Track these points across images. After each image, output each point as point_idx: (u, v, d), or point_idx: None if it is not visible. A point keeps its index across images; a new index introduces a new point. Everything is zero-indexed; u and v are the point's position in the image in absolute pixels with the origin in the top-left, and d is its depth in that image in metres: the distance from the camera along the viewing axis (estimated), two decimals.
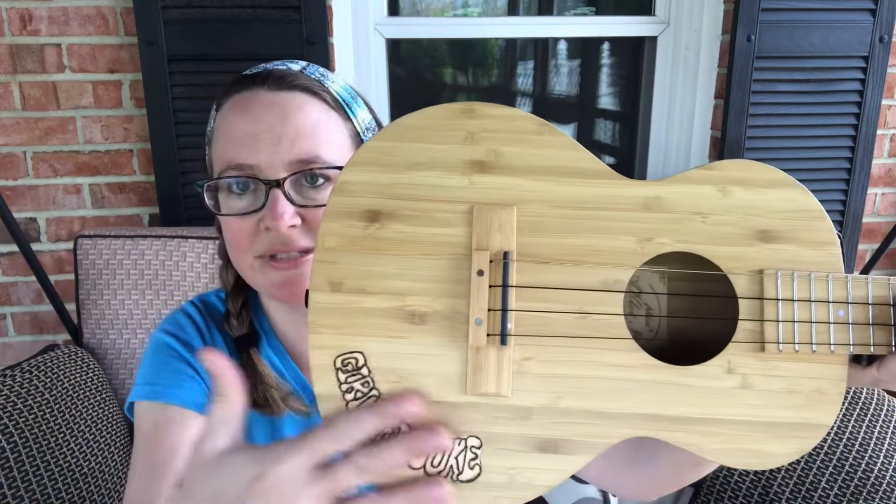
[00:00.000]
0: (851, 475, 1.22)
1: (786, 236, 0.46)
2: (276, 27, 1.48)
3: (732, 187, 0.46)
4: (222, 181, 0.63)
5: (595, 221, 0.46)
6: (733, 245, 0.46)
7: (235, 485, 0.40)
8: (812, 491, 1.22)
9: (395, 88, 1.80)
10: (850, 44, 1.63)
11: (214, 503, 0.40)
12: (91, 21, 1.50)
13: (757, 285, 0.46)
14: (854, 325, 0.46)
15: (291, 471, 0.40)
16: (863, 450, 1.24)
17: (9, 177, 1.58)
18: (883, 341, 0.46)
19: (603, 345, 0.46)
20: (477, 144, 0.46)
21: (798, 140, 1.69)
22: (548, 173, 0.46)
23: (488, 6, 1.88)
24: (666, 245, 0.46)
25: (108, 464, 1.23)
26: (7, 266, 1.64)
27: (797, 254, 0.46)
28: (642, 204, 0.46)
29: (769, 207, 0.46)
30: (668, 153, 1.85)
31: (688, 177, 0.46)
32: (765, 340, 0.46)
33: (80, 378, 1.26)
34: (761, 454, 0.46)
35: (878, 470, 1.22)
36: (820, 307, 0.45)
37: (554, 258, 0.46)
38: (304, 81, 0.65)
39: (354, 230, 0.46)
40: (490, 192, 0.46)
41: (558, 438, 0.46)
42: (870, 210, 1.84)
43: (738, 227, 0.46)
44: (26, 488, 1.08)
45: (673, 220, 0.46)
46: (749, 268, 0.46)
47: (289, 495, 0.39)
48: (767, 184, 0.46)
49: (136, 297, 1.35)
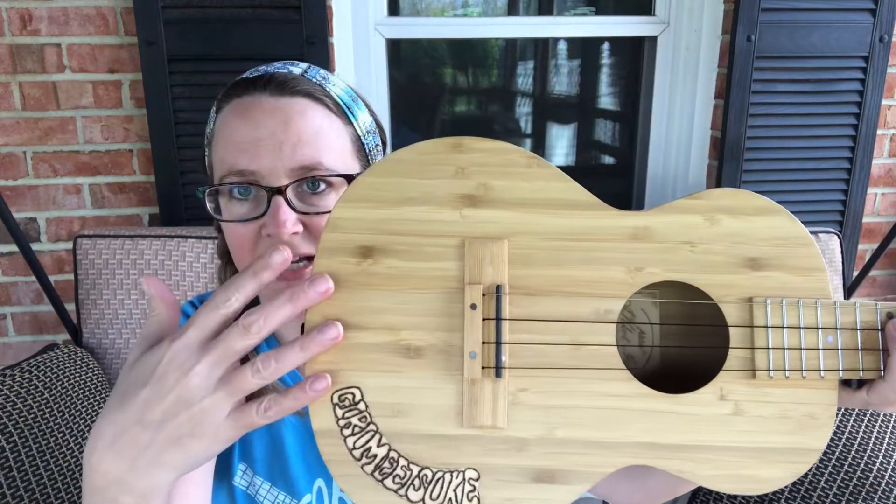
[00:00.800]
0: (851, 474, 1.22)
1: (774, 263, 0.47)
2: (276, 27, 1.48)
3: (720, 216, 0.47)
4: (223, 187, 0.63)
5: (585, 252, 0.47)
6: (722, 273, 0.47)
7: (142, 375, 0.43)
8: (811, 490, 1.22)
9: (395, 88, 1.80)
10: (850, 44, 1.63)
11: (122, 400, 0.43)
12: (91, 21, 1.50)
13: (747, 313, 0.47)
14: (843, 351, 0.46)
15: (184, 343, 0.42)
16: (862, 449, 1.24)
17: (9, 177, 1.58)
18: (872, 366, 0.46)
19: (597, 375, 0.46)
20: (467, 179, 0.47)
21: (798, 140, 1.69)
22: (538, 206, 0.47)
23: (488, 6, 1.88)
24: (656, 274, 0.47)
25: None
26: (7, 266, 1.64)
27: (786, 280, 0.47)
28: (631, 234, 0.47)
29: (757, 235, 0.47)
30: (668, 153, 1.85)
31: (675, 206, 0.47)
32: (756, 368, 0.46)
33: (80, 378, 1.26)
34: (755, 479, 0.46)
35: (877, 469, 1.22)
36: (809, 333, 0.46)
37: (546, 290, 0.47)
38: (305, 86, 0.64)
39: (348, 266, 0.46)
40: (481, 225, 0.47)
41: (555, 469, 0.46)
42: (870, 210, 1.84)
43: (727, 255, 0.47)
44: (26, 488, 1.08)
45: (662, 250, 0.47)
46: (738, 295, 0.47)
47: (186, 365, 0.42)
48: (754, 211, 0.47)
49: (136, 297, 1.35)
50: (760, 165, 1.70)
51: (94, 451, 0.44)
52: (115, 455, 0.43)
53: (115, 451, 0.43)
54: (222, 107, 0.66)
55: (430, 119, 1.97)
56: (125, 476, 0.43)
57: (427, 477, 0.46)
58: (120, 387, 0.44)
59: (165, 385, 0.42)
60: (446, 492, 0.46)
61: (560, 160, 2.02)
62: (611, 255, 0.47)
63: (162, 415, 0.42)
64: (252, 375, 0.42)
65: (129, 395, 0.43)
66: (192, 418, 0.42)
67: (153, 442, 0.43)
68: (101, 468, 0.43)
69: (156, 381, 0.42)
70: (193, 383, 0.42)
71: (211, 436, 0.43)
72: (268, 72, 0.66)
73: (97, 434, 0.44)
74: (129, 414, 0.43)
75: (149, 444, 0.43)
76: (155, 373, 0.42)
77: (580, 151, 2.01)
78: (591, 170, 2.06)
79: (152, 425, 0.42)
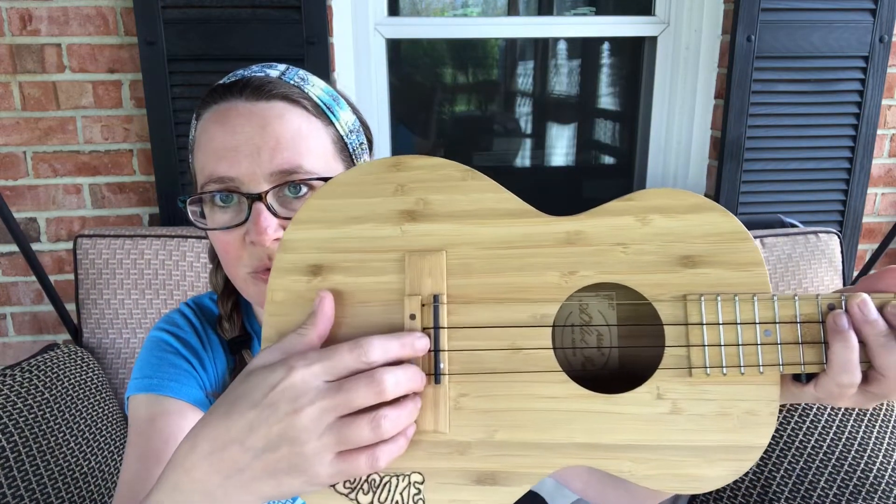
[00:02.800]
0: (850, 474, 1.22)
1: (709, 260, 0.47)
2: (276, 27, 1.48)
3: (652, 216, 0.47)
4: (205, 195, 0.63)
5: (520, 259, 0.48)
6: (655, 273, 0.47)
7: (254, 392, 0.42)
8: (811, 490, 1.22)
9: (395, 88, 1.80)
10: (850, 44, 1.63)
11: (230, 412, 0.42)
12: (91, 21, 1.50)
13: (681, 311, 0.47)
14: (783, 345, 0.46)
15: (306, 376, 0.41)
16: (862, 449, 1.24)
17: (9, 177, 1.58)
18: (814, 360, 0.45)
19: (534, 378, 0.47)
20: (406, 195, 0.49)
21: (798, 140, 1.69)
22: (474, 217, 0.48)
23: (488, 6, 1.88)
24: (589, 277, 0.48)
25: (108, 463, 1.23)
26: (7, 266, 1.64)
27: (722, 276, 0.47)
28: (564, 239, 0.48)
29: (690, 233, 0.47)
30: (668, 153, 1.85)
31: (607, 209, 0.48)
32: (692, 366, 0.46)
33: (80, 377, 1.26)
34: (695, 478, 0.46)
35: (877, 469, 1.22)
36: (746, 329, 0.46)
37: (484, 297, 0.48)
38: (282, 89, 0.64)
39: (299, 284, 0.49)
40: (421, 238, 0.49)
41: (496, 471, 0.47)
42: (870, 210, 1.84)
43: (660, 254, 0.47)
44: (26, 487, 1.08)
45: (595, 253, 0.48)
46: (673, 294, 0.47)
47: (300, 402, 0.41)
48: (687, 209, 0.47)
49: (136, 297, 1.35)
50: (760, 165, 1.70)
51: (191, 451, 0.43)
52: (211, 467, 0.43)
53: (211, 462, 0.42)
54: (201, 114, 0.66)
55: (430, 119, 1.97)
56: (214, 491, 0.43)
57: (375, 481, 0.47)
58: (231, 393, 0.43)
59: (274, 415, 0.41)
60: (393, 495, 0.47)
61: (560, 160, 2.02)
62: (545, 260, 0.48)
63: (265, 444, 0.41)
64: (370, 430, 0.42)
65: (237, 409, 0.42)
66: (294, 457, 0.41)
67: (249, 467, 0.42)
68: (193, 474, 0.43)
69: (266, 407, 0.41)
70: (302, 423, 0.41)
71: (308, 478, 0.42)
72: (244, 76, 0.65)
73: (199, 436, 0.43)
74: (232, 431, 0.42)
75: (245, 468, 0.42)
76: (267, 397, 0.41)
77: (580, 151, 2.01)
78: (591, 170, 2.06)
79: (252, 450, 0.41)
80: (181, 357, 0.71)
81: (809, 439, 1.25)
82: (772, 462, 1.25)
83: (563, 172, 2.04)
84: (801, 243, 1.51)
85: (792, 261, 1.49)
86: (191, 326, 0.74)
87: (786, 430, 1.27)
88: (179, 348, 0.71)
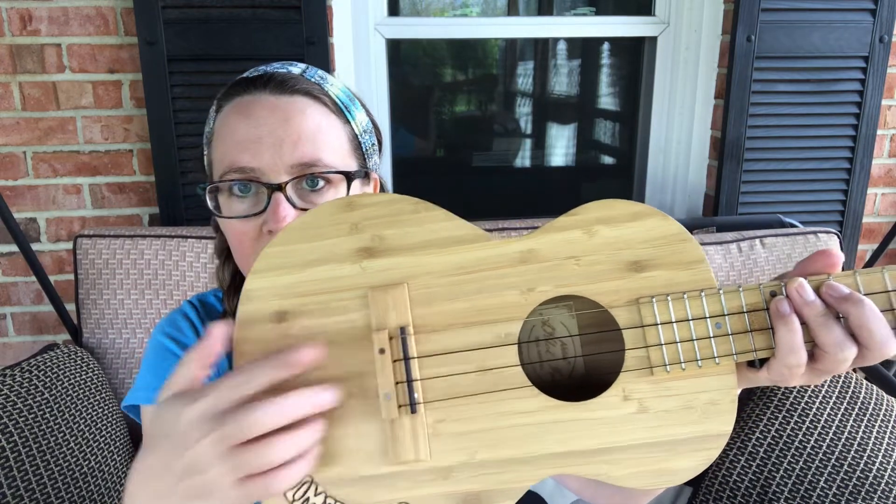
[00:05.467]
0: (850, 474, 1.22)
1: (655, 263, 0.49)
2: (276, 27, 1.48)
3: (597, 227, 0.49)
4: (224, 184, 0.64)
5: (479, 283, 0.50)
6: (608, 280, 0.49)
7: (166, 423, 0.45)
8: (811, 490, 1.22)
9: (395, 88, 1.80)
10: (850, 44, 1.63)
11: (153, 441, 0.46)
12: (91, 21, 1.50)
13: (636, 314, 0.49)
14: (734, 335, 0.48)
15: (196, 413, 0.44)
16: (861, 448, 1.24)
17: (9, 177, 1.58)
18: (764, 345, 0.48)
19: (506, 396, 0.49)
20: (361, 233, 0.50)
21: (798, 140, 1.69)
22: (430, 247, 0.50)
23: (488, 6, 1.88)
24: (548, 292, 0.49)
25: (108, 463, 1.23)
26: (7, 266, 1.64)
27: (670, 277, 0.49)
28: (519, 258, 0.50)
29: (635, 239, 0.49)
30: (668, 153, 1.85)
31: (555, 225, 0.50)
32: (652, 365, 0.48)
33: (80, 378, 1.26)
34: (668, 472, 0.48)
35: (876, 468, 1.22)
36: (698, 324, 0.48)
37: (449, 324, 0.49)
38: (305, 85, 0.65)
39: (266, 332, 0.49)
40: (381, 274, 0.50)
41: (479, 490, 0.48)
42: (870, 210, 1.84)
43: (610, 262, 0.49)
44: (26, 487, 1.08)
45: (549, 268, 0.49)
46: (627, 298, 0.49)
47: (193, 436, 0.43)
48: (629, 217, 0.49)
49: (136, 297, 1.35)
50: (760, 165, 1.70)
51: (131, 480, 0.47)
52: (147, 495, 0.46)
53: (146, 490, 0.46)
54: (223, 106, 0.66)
55: (430, 119, 1.97)
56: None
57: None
58: (155, 422, 0.46)
59: (182, 444, 0.44)
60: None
61: (560, 160, 2.02)
62: (503, 280, 0.49)
63: (181, 471, 0.44)
64: (260, 458, 0.44)
65: (157, 439, 0.46)
66: (202, 485, 0.44)
67: (174, 492, 0.45)
68: (136, 501, 0.47)
69: (176, 437, 0.44)
70: (199, 455, 0.43)
71: (220, 501, 0.44)
72: (267, 71, 0.67)
73: (141, 464, 0.47)
74: (157, 457, 0.45)
75: (171, 493, 0.45)
76: (175, 428, 0.44)
77: (580, 152, 2.01)
78: (591, 170, 2.06)
79: (175, 475, 0.44)
80: None
81: (809, 439, 1.25)
82: (771, 462, 1.25)
83: (563, 172, 2.04)
84: (800, 243, 1.51)
85: (791, 261, 1.49)
86: (192, 328, 0.75)
87: (785, 430, 1.27)
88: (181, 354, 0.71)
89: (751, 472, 1.26)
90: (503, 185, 2.01)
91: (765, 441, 1.27)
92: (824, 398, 1.29)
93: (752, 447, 1.27)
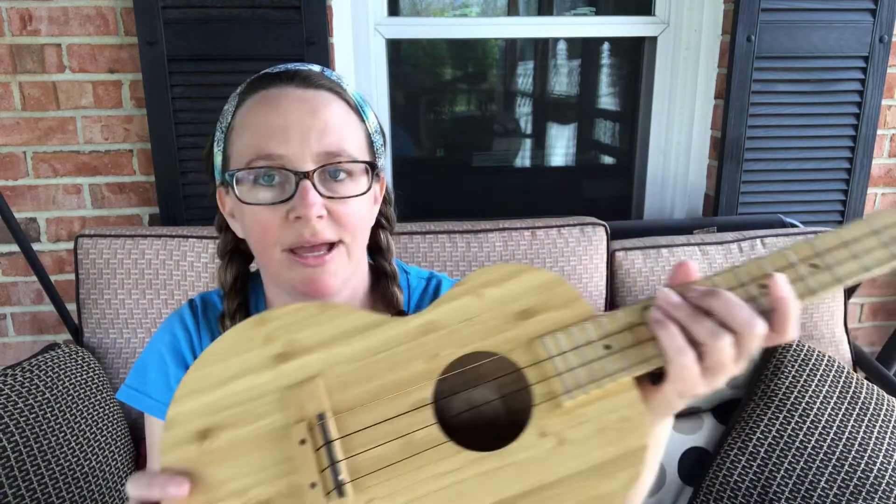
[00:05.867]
0: (851, 474, 1.22)
1: (539, 308, 0.53)
2: (276, 27, 1.48)
3: (483, 290, 0.54)
4: (249, 171, 0.65)
5: (388, 361, 0.53)
6: (503, 332, 0.53)
7: None
8: (811, 490, 1.22)
9: (395, 88, 1.80)
10: (850, 44, 1.63)
11: None
12: (91, 21, 1.50)
13: (531, 354, 0.52)
14: (624, 351, 0.50)
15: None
16: (862, 449, 1.24)
17: (9, 177, 1.58)
18: (654, 352, 0.50)
19: (430, 458, 0.50)
20: (274, 341, 0.53)
21: (798, 140, 1.69)
22: (338, 339, 0.53)
23: (488, 6, 1.88)
24: (452, 354, 0.52)
25: (109, 462, 1.23)
26: (7, 266, 1.64)
27: (556, 317, 0.53)
28: (420, 331, 0.53)
29: (517, 292, 0.54)
30: (668, 153, 1.85)
31: (447, 297, 0.54)
32: (556, 394, 0.50)
33: (81, 377, 1.26)
34: (601, 497, 0.49)
35: (877, 469, 1.22)
36: (588, 348, 0.51)
37: (365, 402, 0.51)
38: (327, 82, 0.69)
39: (190, 453, 0.50)
40: (297, 373, 0.52)
41: None
42: (870, 210, 1.84)
43: (501, 317, 0.53)
44: (27, 487, 1.08)
45: (449, 334, 0.53)
46: (522, 342, 0.53)
47: None
48: (508, 276, 0.55)
49: (136, 297, 1.35)
50: (760, 165, 1.70)
51: None
52: None
53: None
54: (245, 99, 0.68)
55: (430, 119, 1.97)
56: None
57: None
58: None
59: None
60: None
61: (560, 160, 2.02)
62: (410, 353, 0.53)
63: None
64: None
65: None
66: None
67: None
68: None
69: None
70: None
71: None
72: (290, 68, 0.70)
73: None
74: None
75: None
76: None
77: (580, 152, 2.01)
78: (591, 170, 2.06)
79: None
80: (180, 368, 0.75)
81: (810, 439, 1.25)
82: (772, 462, 1.25)
83: (563, 173, 2.04)
84: None
85: None
86: (185, 335, 0.76)
87: (786, 431, 1.27)
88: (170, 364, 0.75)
89: (751, 473, 1.26)
90: (503, 185, 2.01)
91: (765, 441, 1.27)
92: (825, 398, 1.29)
93: (753, 447, 1.27)
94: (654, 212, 1.89)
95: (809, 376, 1.30)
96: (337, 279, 0.66)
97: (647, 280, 1.45)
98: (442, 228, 1.42)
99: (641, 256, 1.46)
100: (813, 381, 1.30)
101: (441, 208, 1.92)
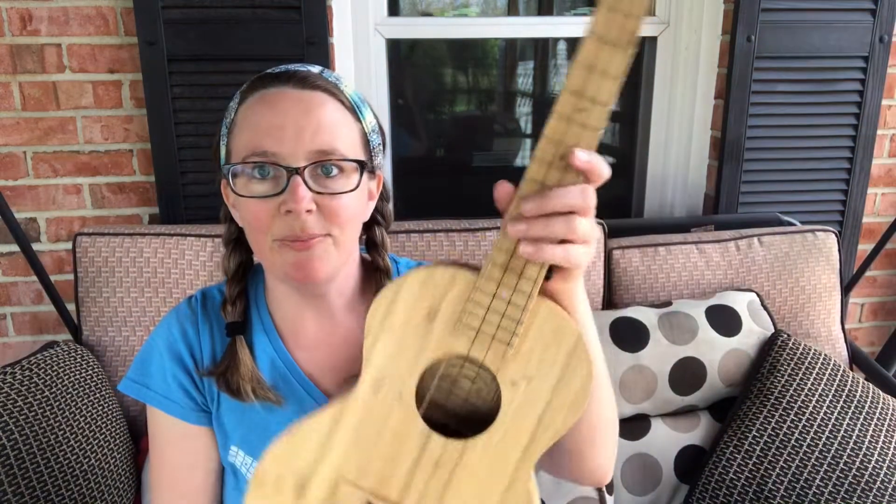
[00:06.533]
0: (846, 472, 1.22)
1: (437, 301, 0.57)
2: (276, 27, 1.48)
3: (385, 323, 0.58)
4: (246, 166, 0.69)
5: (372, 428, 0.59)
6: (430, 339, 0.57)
7: None
8: (807, 488, 1.22)
9: (395, 88, 1.80)
10: (850, 44, 1.63)
11: None
12: (91, 21, 1.50)
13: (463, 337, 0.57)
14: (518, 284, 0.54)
15: None
16: (857, 447, 1.24)
17: (9, 177, 1.58)
18: (537, 269, 0.54)
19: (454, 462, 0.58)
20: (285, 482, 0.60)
21: (798, 140, 1.69)
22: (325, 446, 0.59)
23: (488, 6, 1.88)
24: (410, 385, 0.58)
25: (108, 461, 1.23)
26: (7, 266, 1.64)
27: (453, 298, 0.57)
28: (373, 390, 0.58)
29: (410, 305, 0.58)
30: (668, 153, 1.85)
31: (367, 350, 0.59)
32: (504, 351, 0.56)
33: (80, 375, 1.26)
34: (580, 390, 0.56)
35: (872, 467, 1.22)
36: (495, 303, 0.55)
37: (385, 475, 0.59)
38: (323, 83, 0.72)
39: None
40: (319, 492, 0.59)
41: None
42: (870, 210, 1.84)
43: (417, 332, 0.57)
44: (26, 485, 1.08)
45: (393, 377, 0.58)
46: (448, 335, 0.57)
47: None
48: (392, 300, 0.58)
49: (136, 295, 1.35)
50: (760, 165, 1.70)
51: None
52: None
53: None
54: (246, 97, 0.72)
55: (430, 119, 1.98)
56: None
57: None
58: None
59: None
60: None
61: None
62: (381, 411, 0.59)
63: None
64: None
65: None
66: None
67: None
68: None
69: None
70: None
71: None
72: (290, 69, 0.73)
73: None
74: None
75: None
76: None
77: None
78: None
79: None
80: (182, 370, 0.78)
81: (805, 438, 1.25)
82: (767, 460, 1.25)
83: None
84: (798, 241, 1.51)
85: (789, 259, 1.49)
86: (182, 332, 0.79)
87: (781, 428, 1.27)
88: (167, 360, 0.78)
89: (747, 471, 1.26)
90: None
91: (761, 439, 1.27)
92: (820, 397, 1.29)
93: (749, 445, 1.27)
94: (654, 212, 1.89)
95: (805, 375, 1.30)
96: (325, 264, 0.69)
97: (645, 278, 1.45)
98: (440, 227, 1.42)
99: (639, 255, 1.46)
100: (809, 379, 1.30)
101: (441, 208, 1.92)
